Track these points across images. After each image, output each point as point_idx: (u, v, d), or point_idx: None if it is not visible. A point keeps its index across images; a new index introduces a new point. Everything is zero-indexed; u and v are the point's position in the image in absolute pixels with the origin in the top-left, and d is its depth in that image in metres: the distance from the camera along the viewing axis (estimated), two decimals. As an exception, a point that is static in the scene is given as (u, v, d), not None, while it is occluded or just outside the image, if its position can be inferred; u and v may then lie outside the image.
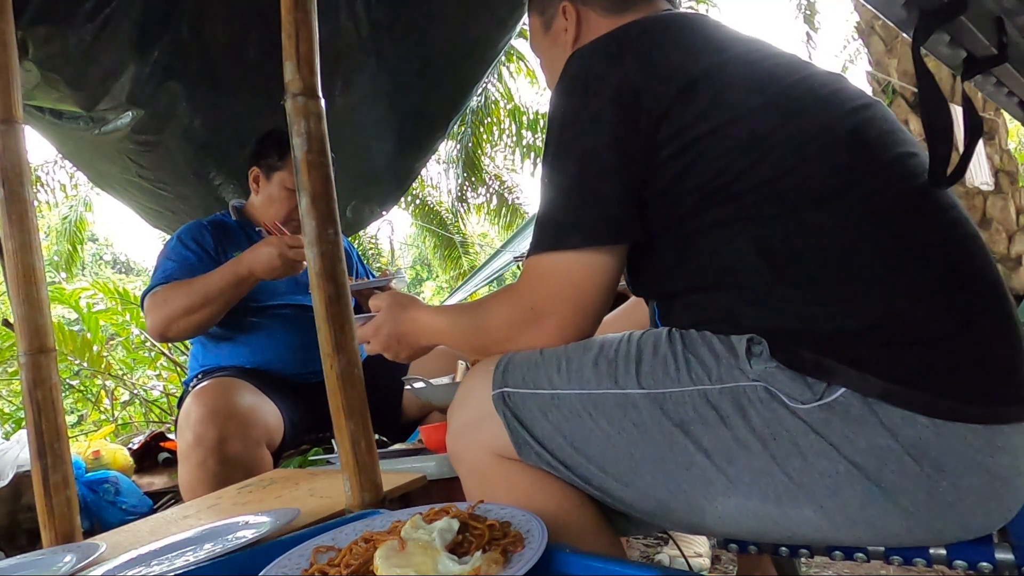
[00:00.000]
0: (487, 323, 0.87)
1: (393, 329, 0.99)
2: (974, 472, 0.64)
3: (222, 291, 1.62)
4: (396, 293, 1.07)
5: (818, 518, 0.68)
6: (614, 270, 0.81)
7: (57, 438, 1.14)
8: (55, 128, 2.44)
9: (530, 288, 0.83)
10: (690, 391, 0.72)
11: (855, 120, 0.77)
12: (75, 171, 6.24)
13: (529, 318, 0.82)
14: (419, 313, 0.98)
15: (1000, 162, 4.87)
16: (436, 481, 1.15)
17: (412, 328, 0.98)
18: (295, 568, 0.65)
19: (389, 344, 1.00)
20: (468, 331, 0.91)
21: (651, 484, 0.73)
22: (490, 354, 0.87)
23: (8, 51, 1.19)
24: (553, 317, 0.81)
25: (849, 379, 0.66)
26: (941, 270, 0.70)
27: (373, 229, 7.85)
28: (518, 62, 6.60)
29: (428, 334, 0.97)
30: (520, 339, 0.83)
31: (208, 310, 1.63)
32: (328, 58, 1.14)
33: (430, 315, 0.97)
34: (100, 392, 4.53)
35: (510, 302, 0.85)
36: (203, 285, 1.62)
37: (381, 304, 1.02)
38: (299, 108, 1.00)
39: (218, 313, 1.65)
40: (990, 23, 0.73)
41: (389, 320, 1.00)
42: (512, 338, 0.84)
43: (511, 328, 0.84)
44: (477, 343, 0.91)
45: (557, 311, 0.80)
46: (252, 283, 1.65)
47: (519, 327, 0.83)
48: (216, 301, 1.63)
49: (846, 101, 0.78)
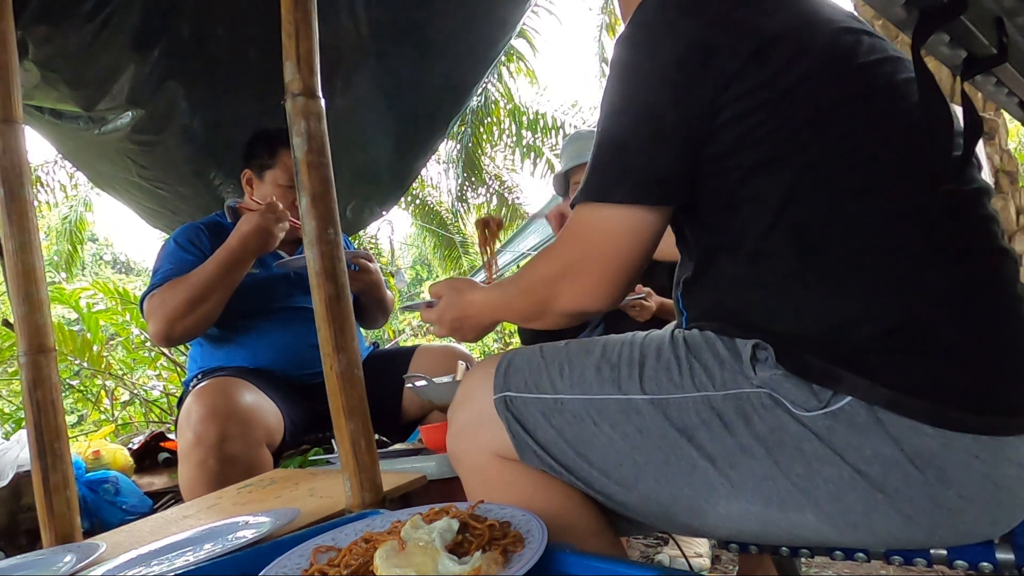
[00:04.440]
0: (530, 283, 0.86)
1: (457, 313, 0.98)
2: (979, 483, 0.63)
3: (220, 277, 1.61)
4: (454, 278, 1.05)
5: (820, 522, 0.68)
6: (656, 232, 0.78)
7: (57, 438, 1.14)
8: (55, 128, 2.44)
9: (568, 243, 0.81)
10: (693, 397, 0.71)
11: (917, 116, 0.74)
12: (75, 171, 6.24)
13: (565, 273, 0.80)
14: (475, 294, 0.97)
15: (1000, 162, 4.87)
16: (436, 481, 1.15)
17: (473, 310, 0.97)
18: (295, 568, 0.65)
19: (455, 327, 1.00)
20: (516, 298, 0.89)
21: (654, 488, 0.73)
22: (541, 319, 0.86)
23: (8, 51, 1.19)
24: (587, 275, 0.79)
25: (856, 388, 0.65)
26: (964, 278, 0.68)
27: (373, 229, 7.85)
28: (518, 62, 6.60)
29: (488, 312, 0.96)
30: (560, 297, 0.81)
31: (209, 302, 1.62)
32: (328, 58, 1.14)
33: (485, 293, 0.97)
34: (100, 392, 4.52)
35: (549, 258, 0.84)
36: (200, 277, 1.61)
37: (441, 290, 1.01)
38: (299, 108, 1.00)
39: (219, 303, 1.64)
40: (990, 23, 0.73)
41: (451, 305, 0.99)
42: (552, 296, 0.82)
43: (549, 285, 0.82)
44: (526, 308, 0.88)
45: (592, 269, 0.79)
46: (247, 262, 1.64)
47: (557, 283, 0.81)
48: (216, 290, 1.62)
49: (915, 94, 0.75)
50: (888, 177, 0.70)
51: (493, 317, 0.97)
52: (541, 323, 0.86)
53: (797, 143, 0.71)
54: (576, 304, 0.81)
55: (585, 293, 0.80)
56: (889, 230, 0.69)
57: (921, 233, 0.69)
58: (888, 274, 0.68)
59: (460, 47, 2.62)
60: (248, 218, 1.63)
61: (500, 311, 0.95)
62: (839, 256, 0.69)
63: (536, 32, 6.35)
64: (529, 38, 6.32)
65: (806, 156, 0.71)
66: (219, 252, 1.63)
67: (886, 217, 0.69)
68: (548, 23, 22.39)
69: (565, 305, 0.81)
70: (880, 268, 0.68)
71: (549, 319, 0.85)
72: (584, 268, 0.79)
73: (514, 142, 7.46)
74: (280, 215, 1.63)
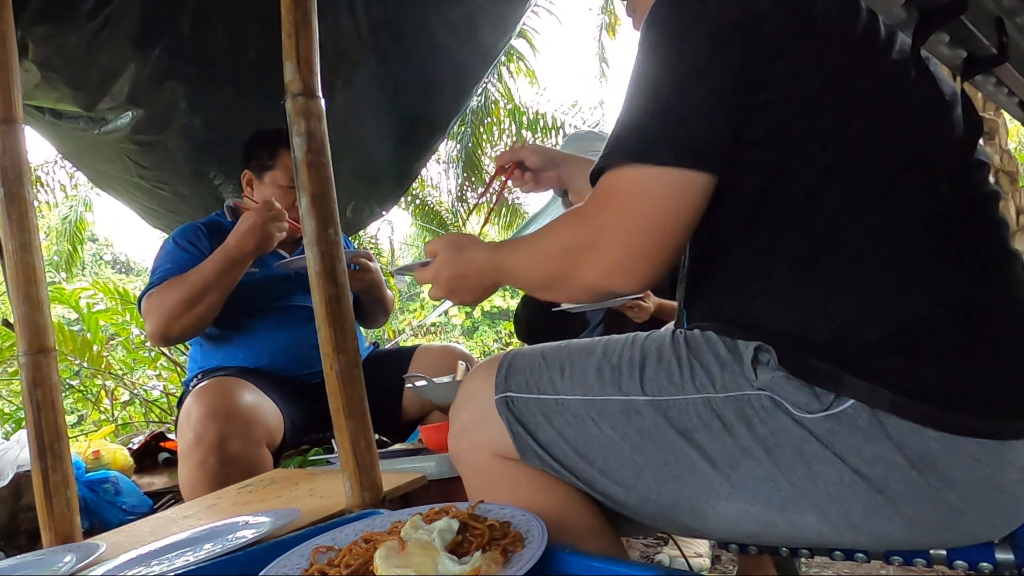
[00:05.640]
0: (547, 249, 0.77)
1: (455, 271, 0.89)
2: (982, 486, 0.63)
3: (217, 277, 1.60)
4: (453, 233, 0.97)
5: (820, 524, 0.68)
6: (701, 204, 0.69)
7: (57, 438, 1.14)
8: (55, 128, 2.44)
9: (599, 205, 0.71)
10: (694, 399, 0.71)
11: (947, 120, 0.73)
12: (75, 171, 6.23)
13: (595, 243, 0.70)
14: (478, 252, 0.88)
15: (1000, 162, 4.86)
16: (436, 481, 1.15)
17: (473, 268, 0.88)
18: (295, 568, 0.65)
19: (451, 288, 0.91)
20: (530, 263, 0.80)
21: (654, 489, 0.73)
22: (556, 290, 0.78)
23: (8, 51, 1.19)
24: (622, 246, 0.68)
25: (859, 391, 0.65)
26: (971, 281, 0.68)
27: (373, 229, 7.84)
28: (518, 62, 6.59)
29: (491, 272, 0.87)
30: (584, 269, 0.71)
31: (206, 301, 1.61)
32: (328, 58, 1.14)
33: (490, 252, 0.87)
34: (100, 392, 4.52)
35: (573, 223, 0.73)
36: (197, 276, 1.61)
37: (438, 247, 0.92)
38: (299, 108, 1.00)
39: (216, 303, 1.64)
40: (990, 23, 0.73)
41: (447, 263, 0.90)
42: (575, 267, 0.72)
43: (570, 255, 0.72)
44: (540, 276, 0.79)
45: (630, 239, 0.68)
46: (244, 262, 1.64)
47: (583, 252, 0.71)
48: (213, 289, 1.61)
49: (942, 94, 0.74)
50: (902, 178, 0.69)
51: (496, 279, 0.88)
52: (555, 294, 0.79)
53: (825, 139, 0.69)
54: (604, 280, 0.71)
55: (618, 267, 0.69)
56: (899, 232, 0.68)
57: (930, 236, 0.68)
58: (896, 276, 0.67)
59: (460, 47, 2.62)
60: (246, 217, 1.63)
61: (506, 274, 0.85)
62: (849, 258, 0.68)
63: (536, 32, 6.34)
64: (529, 38, 6.32)
65: (830, 155, 0.69)
66: (217, 252, 1.63)
67: (897, 219, 0.68)
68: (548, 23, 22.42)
69: (590, 279, 0.72)
70: (888, 270, 0.67)
71: (566, 292, 0.77)
72: (620, 237, 0.69)
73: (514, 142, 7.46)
74: (277, 215, 1.62)
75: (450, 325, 11.40)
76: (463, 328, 11.88)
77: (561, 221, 0.77)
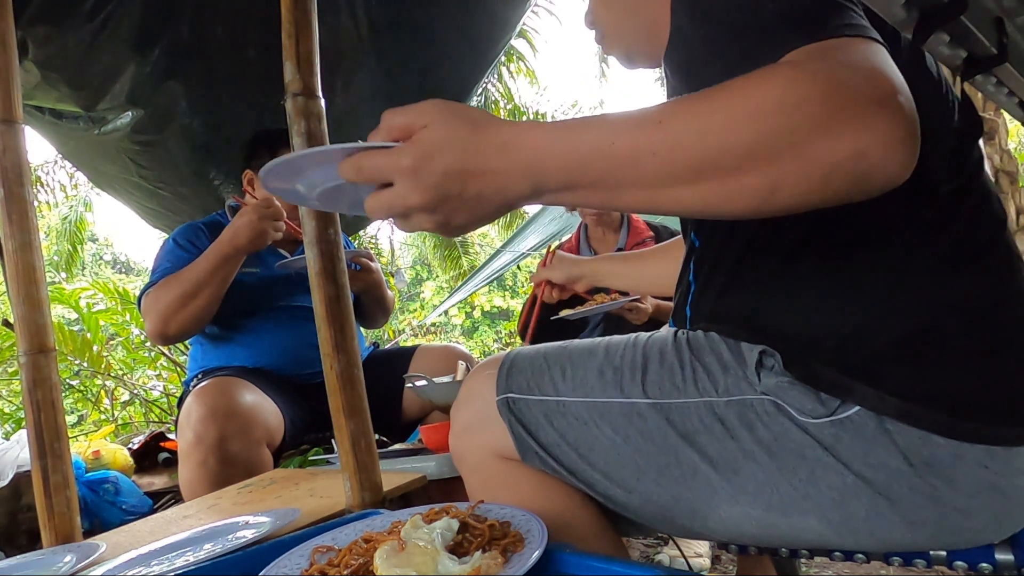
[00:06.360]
0: (745, 104, 0.50)
1: (460, 164, 0.54)
2: (988, 492, 0.63)
3: (210, 272, 1.60)
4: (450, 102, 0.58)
5: (822, 527, 0.68)
6: None
7: (57, 438, 1.14)
8: (55, 128, 2.45)
9: (837, 63, 0.52)
10: (696, 402, 0.71)
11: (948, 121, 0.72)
12: (75, 171, 6.24)
13: (852, 98, 0.49)
14: (516, 130, 0.55)
15: (1000, 162, 4.86)
16: (436, 481, 1.15)
17: (504, 160, 0.54)
18: (295, 568, 0.65)
19: (444, 195, 0.55)
20: (693, 129, 0.52)
21: (655, 491, 0.73)
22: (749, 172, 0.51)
23: (8, 51, 1.19)
24: (887, 108, 0.49)
25: (866, 398, 0.64)
26: (978, 284, 0.67)
27: (373, 229, 7.85)
28: (518, 62, 6.60)
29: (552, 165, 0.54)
30: (835, 133, 0.48)
31: (201, 297, 1.61)
32: (328, 58, 1.14)
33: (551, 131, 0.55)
34: (100, 392, 4.53)
35: (805, 76, 0.50)
36: (191, 272, 1.61)
37: (426, 116, 0.55)
38: (299, 108, 1.00)
39: (212, 300, 1.64)
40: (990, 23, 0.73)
41: (449, 145, 0.54)
42: (814, 130, 0.49)
43: (819, 109, 0.49)
44: (720, 147, 0.51)
45: (892, 101, 0.49)
46: (237, 258, 1.63)
47: (836, 109, 0.48)
48: (207, 285, 1.61)
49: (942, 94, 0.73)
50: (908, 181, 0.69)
51: (545, 180, 0.54)
52: (763, 179, 0.50)
53: None
54: (883, 151, 0.49)
55: (887, 136, 0.49)
56: (907, 236, 0.67)
57: (937, 239, 0.67)
58: (905, 282, 0.66)
59: (460, 47, 2.62)
60: (242, 213, 1.62)
61: (612, 152, 0.52)
62: (858, 263, 0.68)
63: (536, 32, 6.35)
64: (529, 38, 6.32)
65: None
66: (211, 247, 1.63)
67: (904, 223, 0.67)
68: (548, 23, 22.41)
69: (854, 147, 0.48)
70: (897, 275, 0.67)
71: (780, 173, 0.50)
72: (885, 98, 0.50)
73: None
74: (274, 212, 1.61)
75: (450, 325, 11.41)
76: (463, 328, 11.88)
77: (771, 74, 0.51)
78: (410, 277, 13.80)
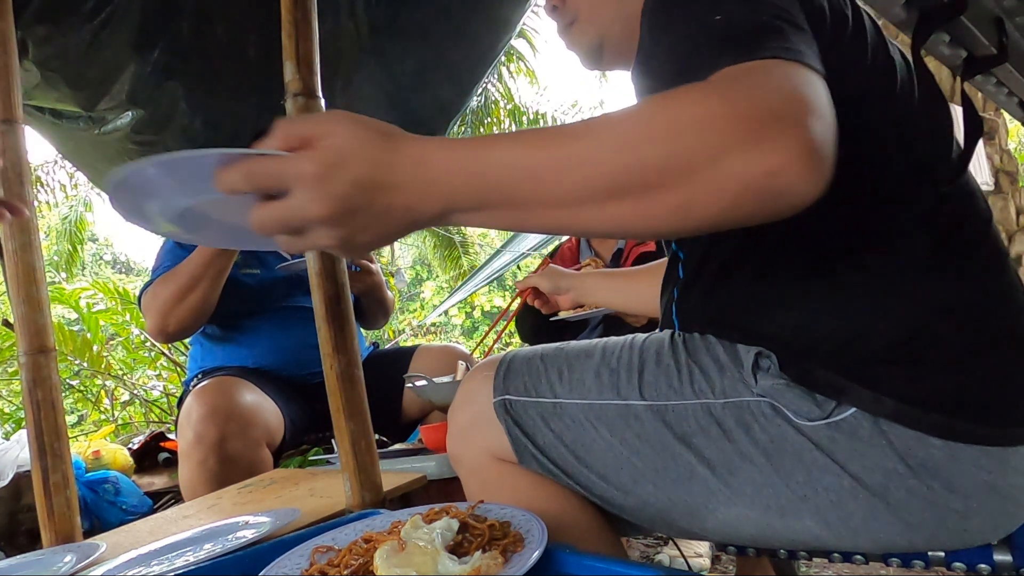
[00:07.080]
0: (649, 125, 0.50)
1: (367, 175, 0.51)
2: (985, 493, 0.63)
3: (204, 267, 1.61)
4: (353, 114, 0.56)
5: (820, 528, 0.68)
6: None
7: (57, 438, 1.14)
8: (55, 128, 2.44)
9: (756, 84, 0.51)
10: (692, 404, 0.70)
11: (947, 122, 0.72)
12: (75, 171, 6.24)
13: (766, 119, 0.47)
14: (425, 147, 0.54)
15: (1000, 162, 4.87)
16: (436, 481, 1.15)
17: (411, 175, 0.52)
18: (295, 568, 0.65)
19: (347, 209, 0.51)
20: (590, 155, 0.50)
21: (652, 493, 0.73)
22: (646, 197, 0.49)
23: (8, 51, 1.19)
24: (799, 128, 0.47)
25: (862, 399, 0.64)
26: (971, 285, 0.67)
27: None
28: (518, 62, 6.60)
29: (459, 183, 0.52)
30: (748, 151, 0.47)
31: (198, 292, 1.62)
32: (328, 58, 1.14)
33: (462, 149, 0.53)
34: (100, 392, 4.53)
35: (723, 95, 0.50)
36: (186, 267, 1.62)
37: (328, 126, 0.53)
38: (299, 108, 1.00)
39: (208, 295, 1.64)
40: (990, 23, 0.73)
41: (355, 156, 0.51)
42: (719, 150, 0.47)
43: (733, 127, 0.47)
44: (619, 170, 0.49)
45: (805, 122, 0.48)
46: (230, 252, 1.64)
47: (749, 128, 0.47)
48: (203, 279, 1.62)
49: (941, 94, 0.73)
50: (899, 181, 0.69)
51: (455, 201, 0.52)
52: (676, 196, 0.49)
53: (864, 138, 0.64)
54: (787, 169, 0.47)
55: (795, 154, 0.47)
56: (900, 236, 0.67)
57: (930, 239, 0.67)
58: (900, 282, 0.66)
59: (460, 47, 2.62)
60: None
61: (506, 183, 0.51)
62: (854, 265, 0.68)
63: (536, 32, 6.36)
64: (529, 38, 6.33)
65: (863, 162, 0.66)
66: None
67: (901, 225, 0.68)
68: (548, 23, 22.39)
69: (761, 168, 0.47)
70: (892, 276, 0.67)
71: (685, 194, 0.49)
72: (791, 117, 0.48)
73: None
74: None
75: (450, 325, 11.40)
76: (463, 328, 11.88)
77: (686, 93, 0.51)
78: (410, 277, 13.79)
